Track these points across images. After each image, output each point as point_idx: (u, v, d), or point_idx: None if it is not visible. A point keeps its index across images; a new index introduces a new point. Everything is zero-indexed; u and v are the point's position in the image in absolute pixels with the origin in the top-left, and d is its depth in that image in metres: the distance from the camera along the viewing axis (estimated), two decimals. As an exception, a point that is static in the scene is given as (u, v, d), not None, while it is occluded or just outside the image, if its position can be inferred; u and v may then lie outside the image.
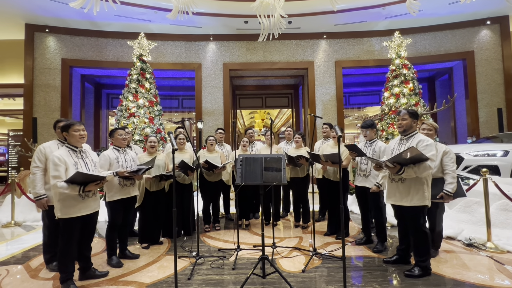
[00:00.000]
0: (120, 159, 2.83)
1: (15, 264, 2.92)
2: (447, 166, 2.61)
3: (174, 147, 1.97)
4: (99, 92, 10.28)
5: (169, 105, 11.13)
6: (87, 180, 2.23)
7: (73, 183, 2.17)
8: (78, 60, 8.22)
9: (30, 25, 7.89)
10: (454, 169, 2.60)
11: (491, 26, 8.30)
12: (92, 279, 2.47)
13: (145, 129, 6.34)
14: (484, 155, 5.06)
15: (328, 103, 8.67)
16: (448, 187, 2.56)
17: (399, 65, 6.86)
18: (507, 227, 3.36)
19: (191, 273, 2.55)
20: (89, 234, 2.48)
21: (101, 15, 7.21)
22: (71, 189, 2.17)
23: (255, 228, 4.00)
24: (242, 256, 2.96)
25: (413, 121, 2.47)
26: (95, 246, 3.28)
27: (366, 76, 10.12)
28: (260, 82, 11.07)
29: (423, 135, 2.50)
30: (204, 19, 7.79)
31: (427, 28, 8.47)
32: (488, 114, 8.17)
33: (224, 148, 4.51)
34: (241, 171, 2.43)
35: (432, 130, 2.76)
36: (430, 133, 2.76)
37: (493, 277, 2.39)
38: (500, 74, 8.22)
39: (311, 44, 8.80)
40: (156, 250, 3.19)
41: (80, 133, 2.35)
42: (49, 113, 7.91)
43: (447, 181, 2.58)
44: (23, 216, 4.73)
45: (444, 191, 2.56)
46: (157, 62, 8.42)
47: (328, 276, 2.47)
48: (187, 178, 3.62)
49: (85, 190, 2.24)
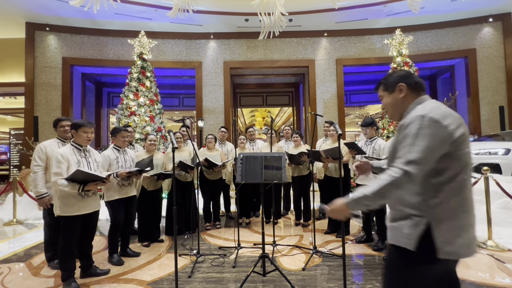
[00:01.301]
0: (120, 159, 2.84)
1: (17, 262, 2.94)
2: None
3: (174, 145, 1.97)
4: (100, 90, 10.29)
5: (170, 103, 11.12)
6: (87, 179, 2.24)
7: (74, 181, 2.18)
8: (78, 58, 8.22)
9: (31, 23, 7.89)
10: None
11: (493, 24, 8.24)
12: (93, 277, 2.49)
13: (145, 127, 6.35)
14: (486, 153, 5.04)
15: (329, 101, 8.65)
16: None
17: (401, 63, 6.83)
18: (508, 226, 3.35)
19: (192, 271, 2.56)
20: (90, 233, 2.49)
21: (102, 13, 7.19)
22: (71, 187, 2.18)
23: (255, 226, 4.01)
24: (243, 254, 2.97)
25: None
26: (96, 244, 3.29)
27: (367, 74, 10.07)
28: (261, 81, 11.04)
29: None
30: (204, 17, 7.76)
31: (428, 26, 8.42)
32: (490, 112, 8.13)
33: (225, 146, 4.51)
34: (241, 169, 2.43)
35: None
36: None
37: (494, 275, 2.39)
38: (502, 72, 8.17)
39: (312, 42, 8.76)
40: (157, 248, 3.20)
41: (88, 135, 2.36)
42: (50, 112, 7.92)
43: None
44: (25, 214, 4.76)
45: None
46: (158, 61, 8.41)
47: (328, 274, 2.47)
48: (188, 176, 3.63)
49: (85, 189, 2.25)
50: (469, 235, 1.06)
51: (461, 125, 1.07)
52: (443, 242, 1.02)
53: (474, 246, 1.07)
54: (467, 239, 1.05)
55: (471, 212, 1.08)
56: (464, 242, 1.04)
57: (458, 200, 1.05)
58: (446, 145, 1.02)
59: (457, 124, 1.05)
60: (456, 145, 1.04)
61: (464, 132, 1.06)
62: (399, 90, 1.21)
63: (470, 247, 1.06)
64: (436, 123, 1.02)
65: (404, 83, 1.21)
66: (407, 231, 1.06)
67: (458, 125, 1.05)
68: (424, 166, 1.00)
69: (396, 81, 1.23)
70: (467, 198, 1.08)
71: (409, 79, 1.21)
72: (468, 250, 1.05)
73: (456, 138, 1.03)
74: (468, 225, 1.06)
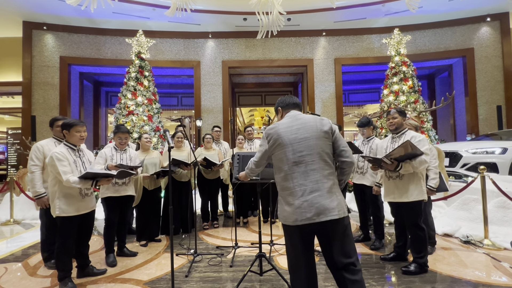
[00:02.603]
0: (115, 157, 2.83)
1: (14, 262, 2.93)
2: (430, 163, 2.64)
3: (170, 145, 1.97)
4: (98, 90, 10.26)
5: (168, 103, 11.11)
6: (96, 177, 2.27)
7: (86, 179, 2.21)
8: (76, 57, 8.20)
9: (28, 22, 7.86)
10: (436, 165, 2.67)
11: (491, 23, 8.26)
12: (90, 277, 2.48)
13: (144, 127, 6.33)
14: (483, 153, 5.06)
15: (328, 100, 8.65)
16: (431, 182, 2.61)
17: (399, 63, 6.84)
18: (504, 224, 3.36)
19: (189, 270, 2.56)
20: (87, 232, 2.48)
21: (99, 12, 7.17)
22: (83, 183, 2.19)
23: (253, 226, 4.01)
24: (240, 254, 2.97)
25: (403, 119, 2.57)
26: (93, 244, 3.29)
27: (365, 73, 10.09)
28: (259, 80, 11.04)
29: (414, 131, 2.57)
30: (202, 16, 7.75)
31: (426, 25, 8.43)
32: (488, 111, 8.16)
33: (221, 146, 4.51)
34: (238, 168, 2.43)
35: (412, 129, 2.78)
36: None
37: (490, 274, 2.40)
38: (500, 72, 8.20)
39: (310, 41, 8.76)
40: (154, 248, 3.20)
41: (81, 134, 2.35)
42: (48, 111, 7.89)
43: (430, 176, 2.63)
44: (22, 214, 4.74)
45: (428, 186, 2.60)
46: (156, 60, 8.40)
47: (325, 273, 2.48)
48: (185, 175, 3.62)
49: (98, 184, 2.31)
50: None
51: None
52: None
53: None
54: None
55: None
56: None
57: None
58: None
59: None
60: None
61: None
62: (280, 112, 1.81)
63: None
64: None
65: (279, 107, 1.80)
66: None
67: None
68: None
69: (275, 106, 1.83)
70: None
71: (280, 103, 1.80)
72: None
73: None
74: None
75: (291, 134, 1.58)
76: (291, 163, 1.54)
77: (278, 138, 1.59)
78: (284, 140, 1.57)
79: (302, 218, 1.46)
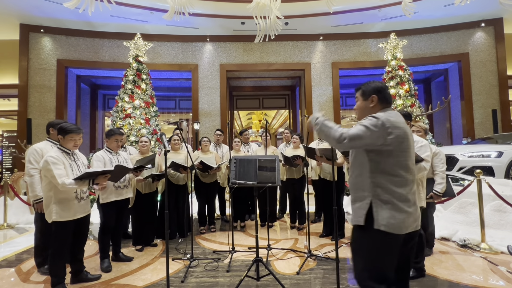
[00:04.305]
0: (114, 160, 2.81)
1: (7, 267, 2.87)
2: (437, 167, 2.64)
3: (166, 148, 1.96)
4: (95, 93, 10.22)
5: (166, 106, 11.09)
6: (93, 175, 2.26)
7: (82, 179, 2.20)
8: (73, 60, 8.17)
9: (25, 25, 7.83)
10: (444, 169, 2.64)
11: (485, 29, 8.38)
12: (84, 282, 2.44)
13: (141, 130, 6.30)
14: (479, 156, 5.09)
15: (325, 104, 8.69)
16: (438, 187, 2.59)
17: (395, 67, 6.90)
18: (500, 228, 3.38)
19: (185, 276, 2.53)
20: (82, 237, 2.45)
21: (97, 15, 7.17)
22: (79, 185, 2.18)
23: (250, 230, 3.99)
24: (237, 258, 2.94)
25: (407, 122, 2.48)
26: (88, 249, 3.24)
27: (362, 77, 10.15)
28: (257, 83, 11.08)
29: (417, 136, 2.51)
30: (200, 20, 7.78)
31: (422, 30, 8.54)
32: (483, 115, 8.24)
33: (220, 149, 4.49)
34: (235, 172, 2.42)
35: (421, 132, 2.78)
36: (419, 134, 2.78)
37: (487, 278, 2.40)
38: (494, 76, 8.30)
39: (307, 45, 8.82)
40: (150, 253, 3.16)
41: (75, 143, 2.33)
42: (44, 114, 7.84)
43: (436, 181, 2.61)
44: (16, 218, 4.67)
45: (433, 191, 2.59)
46: (154, 63, 8.39)
47: (323, 278, 2.46)
48: (182, 179, 3.60)
49: (95, 182, 2.30)
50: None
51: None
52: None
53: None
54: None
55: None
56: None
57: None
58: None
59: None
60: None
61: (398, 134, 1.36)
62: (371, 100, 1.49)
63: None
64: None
65: (376, 95, 1.48)
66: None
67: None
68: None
69: (371, 91, 1.49)
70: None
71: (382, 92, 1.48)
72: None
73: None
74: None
75: (412, 140, 1.43)
76: (410, 169, 1.40)
77: (405, 139, 1.36)
78: (411, 144, 1.40)
79: (412, 226, 1.38)
